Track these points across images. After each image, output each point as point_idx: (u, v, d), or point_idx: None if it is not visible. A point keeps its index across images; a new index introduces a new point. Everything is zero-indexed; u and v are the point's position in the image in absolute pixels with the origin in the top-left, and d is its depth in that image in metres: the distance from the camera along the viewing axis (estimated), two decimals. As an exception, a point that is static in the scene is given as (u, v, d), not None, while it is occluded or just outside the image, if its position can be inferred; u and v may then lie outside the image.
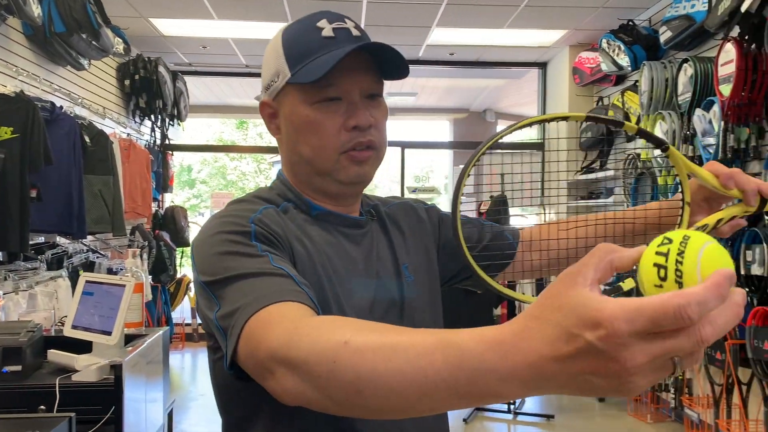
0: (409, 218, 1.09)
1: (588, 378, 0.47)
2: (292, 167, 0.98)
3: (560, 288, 0.49)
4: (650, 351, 0.45)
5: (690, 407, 3.81)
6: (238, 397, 0.89)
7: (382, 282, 0.97)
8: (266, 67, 0.96)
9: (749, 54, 3.31)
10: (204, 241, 0.86)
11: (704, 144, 3.67)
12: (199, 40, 5.79)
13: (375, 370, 0.58)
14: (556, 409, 4.72)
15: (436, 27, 5.37)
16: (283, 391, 0.68)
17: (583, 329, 0.46)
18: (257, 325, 0.73)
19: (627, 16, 4.84)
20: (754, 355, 3.05)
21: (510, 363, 0.50)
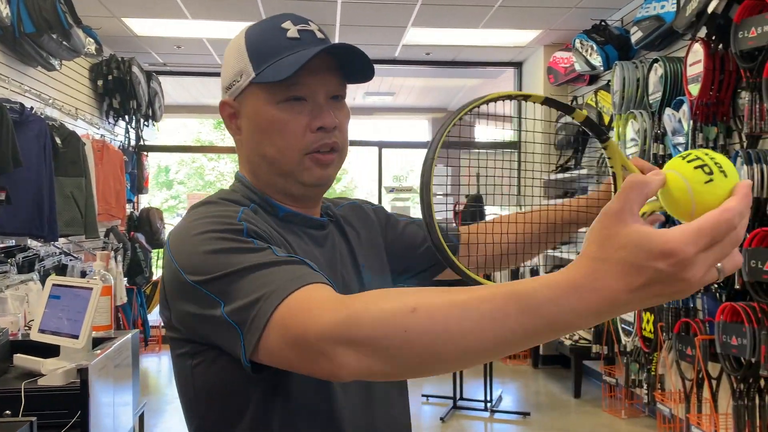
0: (360, 218, 1.11)
1: (655, 297, 0.55)
2: (254, 168, 0.97)
3: (613, 228, 0.55)
4: (707, 262, 0.54)
5: (662, 402, 3.87)
6: (223, 397, 0.87)
7: (346, 283, 0.99)
8: (227, 67, 0.96)
9: (716, 54, 3.37)
10: (188, 242, 0.83)
11: (674, 143, 3.72)
12: (173, 40, 5.75)
13: (450, 331, 0.62)
14: (532, 406, 4.76)
15: (411, 27, 5.38)
16: (341, 370, 0.68)
17: (653, 261, 0.53)
18: (292, 311, 0.72)
19: (600, 16, 4.90)
20: (723, 350, 3.10)
21: (586, 302, 0.56)
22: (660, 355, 3.93)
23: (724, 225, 0.54)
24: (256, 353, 0.74)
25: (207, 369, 0.86)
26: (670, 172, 0.61)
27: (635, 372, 4.22)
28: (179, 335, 0.87)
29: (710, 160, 0.59)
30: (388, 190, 6.40)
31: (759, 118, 3.08)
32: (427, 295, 0.65)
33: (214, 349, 0.83)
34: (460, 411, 4.62)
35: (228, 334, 0.76)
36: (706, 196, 0.58)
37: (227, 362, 0.81)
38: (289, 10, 0.99)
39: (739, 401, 3.09)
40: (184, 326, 0.85)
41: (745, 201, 0.56)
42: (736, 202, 0.56)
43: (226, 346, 0.79)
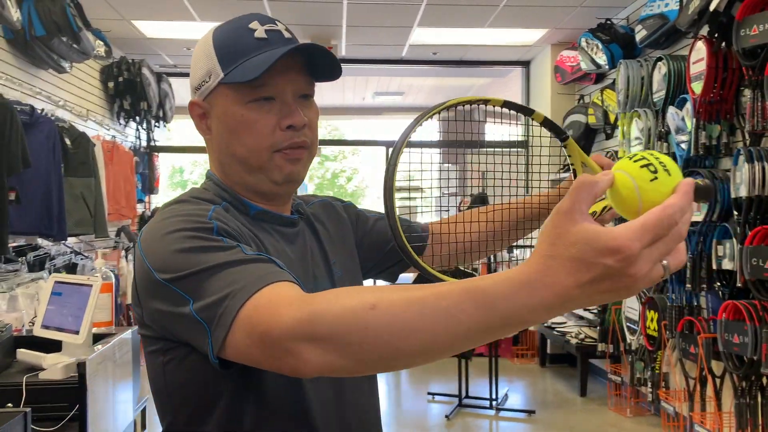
0: (331, 216, 1.13)
1: (603, 294, 0.58)
2: (224, 168, 0.99)
3: (564, 226, 0.58)
4: (651, 258, 0.56)
5: (667, 401, 3.86)
6: (194, 394, 0.89)
7: (317, 281, 1.01)
8: (196, 67, 0.97)
9: (719, 52, 3.36)
10: (158, 240, 0.85)
11: (678, 141, 3.72)
12: (182, 41, 5.81)
13: (408, 327, 0.64)
14: (538, 404, 4.76)
15: (417, 27, 5.41)
16: (305, 366, 0.70)
17: (601, 257, 0.55)
18: (258, 308, 0.73)
19: (605, 15, 4.90)
20: (725, 349, 3.10)
21: (538, 297, 0.59)
22: (664, 354, 3.92)
23: (666, 221, 0.56)
24: (224, 350, 0.76)
25: (178, 366, 0.88)
26: (618, 171, 0.63)
27: (640, 370, 4.21)
28: (151, 333, 0.90)
29: (655, 159, 0.62)
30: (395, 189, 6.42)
31: (761, 115, 3.07)
32: (387, 293, 0.67)
33: (185, 347, 0.85)
34: (465, 409, 4.64)
35: (196, 331, 0.78)
36: (652, 193, 0.61)
37: (198, 359, 0.83)
38: (295, 12, 1.01)
39: (741, 399, 3.09)
40: (155, 324, 0.87)
41: (686, 198, 0.58)
42: (677, 199, 0.58)
43: (195, 343, 0.81)
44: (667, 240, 0.57)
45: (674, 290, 3.75)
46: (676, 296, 3.73)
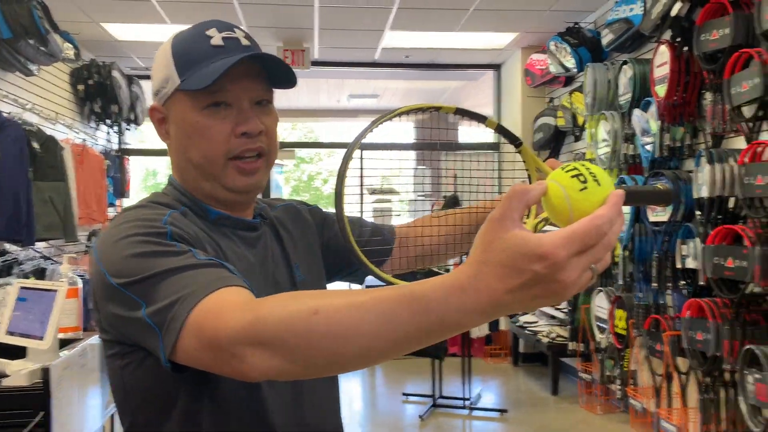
0: (295, 219, 1.14)
1: (535, 299, 0.59)
2: (182, 172, 1.00)
3: (496, 233, 0.59)
4: (579, 265, 0.58)
5: (635, 397, 3.94)
6: (152, 396, 0.90)
7: (278, 285, 1.02)
8: (156, 73, 0.99)
9: (682, 56, 3.44)
10: (113, 245, 0.86)
11: (643, 143, 3.80)
12: (153, 44, 5.76)
13: (350, 331, 0.66)
14: (510, 403, 4.82)
15: (389, 30, 5.44)
16: (251, 371, 0.71)
17: (529, 263, 0.57)
18: (206, 313, 0.75)
19: (573, 19, 4.98)
20: (689, 346, 3.17)
21: (471, 301, 0.60)
22: (632, 352, 4.00)
23: (593, 231, 0.57)
24: (175, 354, 0.78)
25: (135, 369, 0.89)
26: (551, 181, 0.65)
27: (609, 368, 4.29)
28: (109, 337, 0.91)
29: (586, 170, 0.64)
30: (369, 191, 6.45)
31: (721, 118, 3.16)
32: (330, 298, 0.68)
33: (141, 350, 0.86)
34: (439, 409, 4.68)
35: (149, 335, 0.80)
36: (582, 203, 0.63)
37: (154, 362, 0.84)
38: (267, 15, 1.03)
39: (705, 395, 3.17)
40: (112, 328, 0.89)
41: (615, 209, 0.60)
42: (606, 210, 0.59)
43: (148, 346, 0.82)
44: (597, 249, 0.59)
45: (641, 289, 3.82)
46: (643, 295, 3.81)
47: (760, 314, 2.96)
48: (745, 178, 2.79)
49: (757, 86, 2.81)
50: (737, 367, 2.85)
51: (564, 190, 0.64)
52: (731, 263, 2.87)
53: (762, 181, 2.69)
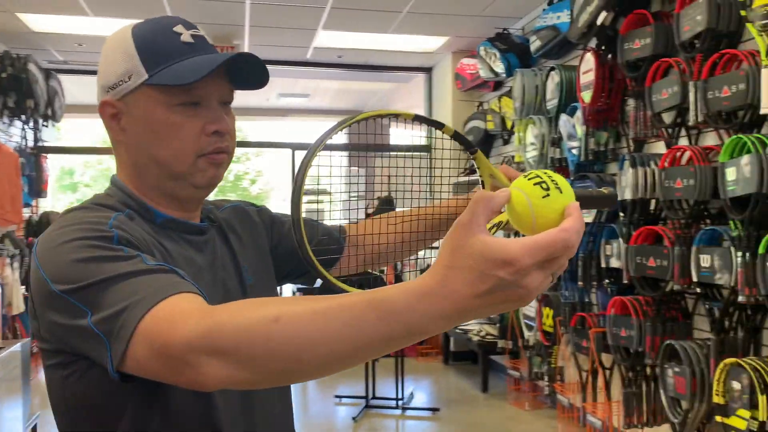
0: (243, 221, 1.12)
1: (499, 304, 0.60)
2: (139, 171, 0.96)
3: (463, 238, 0.60)
4: (543, 273, 0.59)
5: (562, 393, 4.07)
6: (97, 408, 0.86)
7: (227, 289, 1.00)
8: (110, 66, 0.95)
9: (606, 64, 3.59)
10: (55, 249, 0.82)
11: (569, 147, 3.93)
12: (73, 37, 5.52)
13: (312, 339, 0.64)
14: (442, 402, 4.88)
15: (322, 30, 5.41)
16: (206, 380, 0.69)
17: (495, 269, 0.58)
18: (158, 321, 0.72)
19: (502, 24, 5.10)
20: (613, 342, 3.31)
21: (439, 307, 0.60)
22: (559, 348, 4.14)
23: (560, 243, 0.59)
24: (124, 364, 0.75)
25: (79, 380, 0.85)
26: (514, 189, 0.67)
27: (537, 365, 4.42)
28: (49, 346, 0.86)
29: (548, 178, 0.66)
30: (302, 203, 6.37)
31: (643, 123, 3.31)
32: (290, 305, 0.67)
33: (85, 360, 0.82)
34: (372, 410, 4.68)
35: (95, 344, 0.76)
36: (544, 209, 0.64)
37: (100, 372, 0.80)
38: (195, 10, 1.01)
39: (628, 389, 3.30)
40: (53, 337, 0.84)
41: (580, 221, 0.61)
42: (572, 222, 0.61)
43: (94, 356, 0.78)
44: (562, 258, 0.60)
45: (567, 288, 3.95)
46: (569, 293, 3.94)
47: (678, 311, 3.12)
48: (665, 182, 2.94)
49: (676, 94, 2.96)
50: (658, 361, 3.00)
51: (527, 198, 0.65)
52: (653, 263, 3.01)
53: (681, 185, 2.83)
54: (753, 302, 2.45)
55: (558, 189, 0.65)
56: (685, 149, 2.87)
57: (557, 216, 0.64)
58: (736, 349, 2.67)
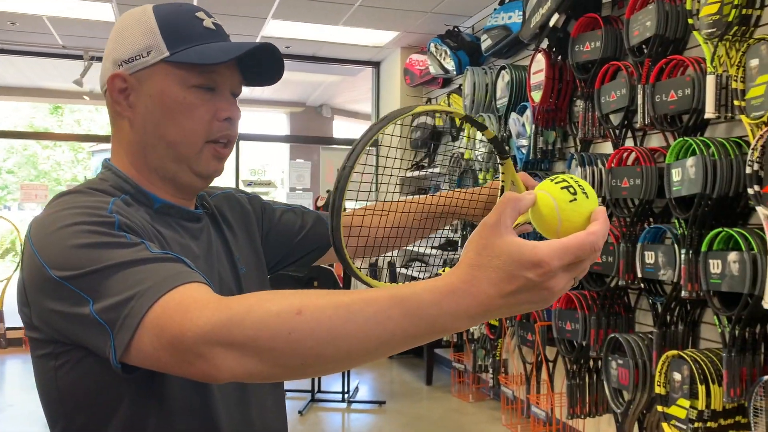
0: (234, 209, 1.10)
1: (522, 305, 0.61)
2: (143, 150, 0.93)
3: (489, 238, 0.61)
4: (569, 275, 0.61)
5: (506, 385, 4.17)
6: (91, 399, 0.83)
7: (222, 278, 0.98)
8: (126, 40, 0.92)
9: (556, 64, 3.68)
10: (54, 234, 0.78)
11: (518, 145, 4.02)
12: (6, 15, 5.22)
13: (334, 332, 0.63)
14: (387, 395, 4.92)
15: (271, 19, 5.33)
16: (218, 372, 0.67)
17: (523, 270, 0.59)
18: (168, 311, 0.70)
19: (453, 22, 5.16)
20: (559, 335, 3.41)
21: (464, 305, 0.61)
22: (504, 341, 4.23)
23: (588, 246, 0.60)
24: (127, 354, 0.72)
25: (72, 370, 0.82)
26: (540, 192, 0.68)
27: (482, 358, 4.51)
28: (40, 335, 0.82)
29: (575, 182, 0.67)
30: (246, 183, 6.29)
31: (591, 124, 3.42)
32: (312, 297, 0.66)
33: (79, 349, 0.79)
34: (318, 404, 4.67)
35: (97, 334, 0.73)
36: (570, 213, 0.66)
37: (95, 362, 0.78)
38: None
39: (572, 381, 3.42)
40: (47, 325, 0.80)
41: (606, 225, 0.64)
42: (600, 226, 0.63)
43: (94, 346, 0.75)
44: (586, 263, 0.62)
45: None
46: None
47: (621, 306, 3.25)
48: (612, 181, 3.05)
49: (623, 96, 3.07)
50: (602, 354, 3.11)
51: (554, 201, 0.66)
52: (599, 259, 3.12)
53: (627, 184, 2.95)
54: (695, 297, 2.58)
55: (585, 194, 0.66)
56: (632, 150, 2.99)
57: (583, 220, 0.65)
58: (677, 342, 2.81)
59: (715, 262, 2.45)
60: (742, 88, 2.45)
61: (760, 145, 2.27)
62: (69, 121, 15.54)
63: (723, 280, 2.41)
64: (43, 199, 7.11)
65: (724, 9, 2.49)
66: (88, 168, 15.51)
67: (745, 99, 2.43)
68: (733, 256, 2.37)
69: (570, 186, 0.66)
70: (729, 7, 2.47)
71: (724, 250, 2.44)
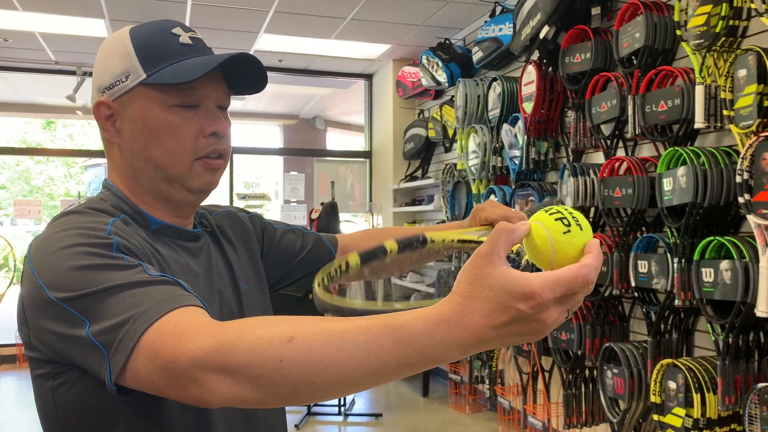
0: (236, 227, 1.11)
1: (514, 336, 0.61)
2: (135, 173, 0.94)
3: (482, 269, 0.60)
4: (561, 308, 0.61)
5: (503, 396, 4.17)
6: (88, 420, 0.83)
7: (223, 295, 0.99)
8: (106, 66, 0.93)
9: (547, 76, 3.72)
10: (52, 255, 0.79)
11: (511, 156, 4.04)
12: None
13: (326, 361, 0.63)
14: (383, 407, 4.91)
15: (264, 33, 5.35)
16: (211, 397, 0.67)
17: (515, 302, 0.58)
18: (163, 335, 0.70)
19: (444, 35, 5.20)
20: (554, 345, 3.42)
21: (455, 335, 0.60)
22: (500, 352, 4.23)
23: (580, 279, 0.60)
24: (123, 377, 0.73)
25: (70, 390, 0.82)
26: (534, 222, 0.67)
27: (478, 369, 4.50)
28: (39, 355, 0.83)
29: (569, 214, 0.67)
30: (240, 197, 6.28)
31: (582, 135, 3.45)
32: (305, 324, 0.66)
33: (77, 369, 0.80)
34: (314, 417, 4.65)
35: (93, 355, 0.74)
36: (564, 245, 0.65)
37: (92, 383, 0.78)
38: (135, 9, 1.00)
39: (568, 390, 3.42)
40: (45, 345, 0.81)
41: (599, 258, 0.63)
42: (592, 259, 0.62)
43: (90, 367, 0.76)
44: (579, 294, 0.62)
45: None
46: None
47: (616, 315, 3.26)
48: (604, 191, 3.07)
49: (614, 107, 3.10)
50: (597, 363, 3.12)
51: (548, 232, 0.66)
52: (593, 268, 3.13)
53: (619, 193, 2.97)
54: (688, 306, 2.59)
55: (578, 226, 0.66)
56: (623, 160, 3.01)
57: (577, 252, 0.65)
58: (671, 351, 2.82)
59: (707, 271, 2.47)
60: (731, 98, 2.48)
61: (749, 154, 2.29)
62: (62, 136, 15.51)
63: (716, 288, 2.42)
64: (36, 215, 7.09)
65: (712, 20, 2.53)
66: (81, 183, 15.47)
67: (734, 109, 2.45)
68: (725, 264, 2.39)
69: (564, 218, 0.66)
70: (716, 19, 2.51)
71: (716, 259, 2.45)
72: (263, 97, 8.67)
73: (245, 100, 8.64)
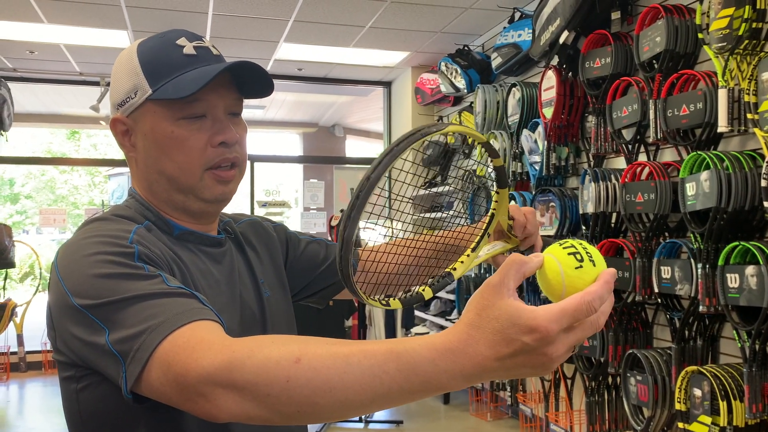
0: (260, 235, 1.12)
1: (520, 368, 0.61)
2: (151, 185, 0.96)
3: (490, 299, 0.61)
4: (567, 341, 0.61)
5: (524, 403, 4.13)
6: (110, 422, 0.85)
7: (245, 301, 1.00)
8: (118, 83, 0.94)
9: (567, 81, 3.70)
10: (77, 262, 0.81)
11: (531, 161, 4.03)
12: (25, 44, 5.34)
13: (331, 383, 0.64)
14: (404, 414, 4.89)
15: (284, 42, 5.40)
16: (219, 412, 0.68)
17: (520, 334, 0.58)
18: (176, 348, 0.71)
19: (463, 41, 5.20)
20: (577, 352, 3.39)
21: (459, 365, 0.61)
22: (521, 359, 4.20)
23: (584, 307, 0.60)
24: (138, 385, 0.74)
25: (92, 393, 0.84)
26: (547, 255, 0.68)
27: (499, 376, 4.47)
28: (64, 358, 0.85)
29: (582, 249, 0.67)
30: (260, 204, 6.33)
31: (603, 140, 3.42)
32: (312, 346, 0.67)
33: (99, 374, 0.82)
34: (335, 424, 4.65)
35: (111, 363, 0.76)
36: (576, 280, 0.65)
37: (112, 387, 0.80)
38: (157, 20, 1.00)
39: (591, 398, 3.39)
40: (69, 350, 0.83)
41: (606, 287, 0.62)
42: (598, 287, 0.62)
43: (108, 374, 0.78)
44: (585, 327, 0.62)
45: (530, 299, 4.03)
46: (533, 305, 4.01)
47: (639, 321, 3.22)
48: (626, 196, 3.04)
49: (635, 111, 3.08)
50: (620, 370, 3.08)
51: (560, 266, 0.66)
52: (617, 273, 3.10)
53: (641, 199, 2.94)
54: (713, 312, 2.56)
55: (591, 261, 0.66)
56: (645, 165, 2.98)
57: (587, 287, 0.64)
58: (696, 358, 2.78)
59: (732, 276, 2.43)
60: (755, 101, 2.44)
61: (774, 157, 2.26)
62: (86, 146, 15.75)
63: (741, 294, 2.39)
64: (61, 224, 7.20)
65: (734, 23, 2.50)
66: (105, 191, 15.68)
67: (758, 112, 2.42)
68: (750, 269, 2.35)
69: (578, 252, 0.66)
70: (739, 21, 2.48)
71: (741, 264, 2.42)
72: (283, 106, 8.74)
73: (266, 108, 8.72)
